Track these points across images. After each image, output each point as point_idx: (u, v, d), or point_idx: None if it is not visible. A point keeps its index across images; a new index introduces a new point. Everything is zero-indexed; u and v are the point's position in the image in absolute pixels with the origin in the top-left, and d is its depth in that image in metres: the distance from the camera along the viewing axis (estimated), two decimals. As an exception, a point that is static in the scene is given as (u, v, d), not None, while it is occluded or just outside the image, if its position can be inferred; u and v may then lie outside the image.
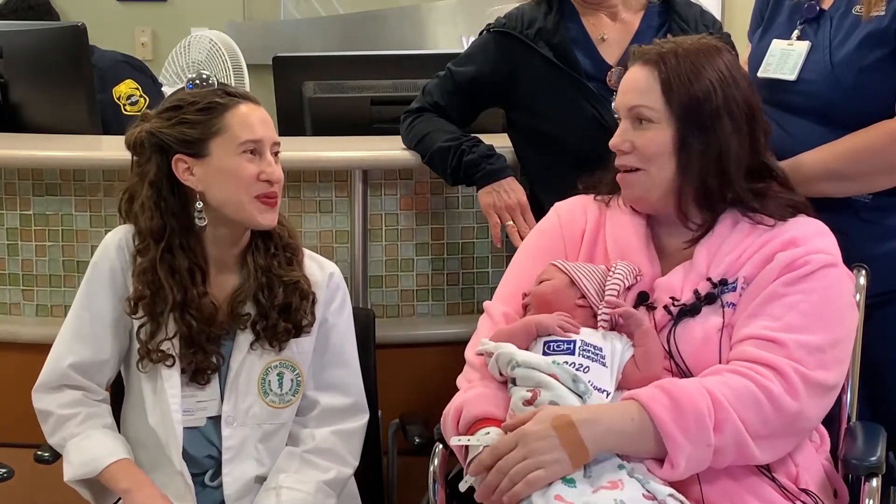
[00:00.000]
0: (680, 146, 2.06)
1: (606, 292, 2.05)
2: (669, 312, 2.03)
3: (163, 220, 2.25)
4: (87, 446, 2.26)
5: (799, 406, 1.93)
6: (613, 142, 2.12)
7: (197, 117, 2.24)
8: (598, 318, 2.05)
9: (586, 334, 2.01)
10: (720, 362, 1.98)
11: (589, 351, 1.98)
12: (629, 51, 2.19)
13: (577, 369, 1.96)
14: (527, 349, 2.02)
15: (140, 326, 2.26)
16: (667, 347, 2.01)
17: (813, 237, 2.06)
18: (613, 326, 2.04)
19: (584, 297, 2.07)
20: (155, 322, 2.26)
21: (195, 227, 2.26)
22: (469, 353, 2.14)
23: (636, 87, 2.10)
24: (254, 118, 2.26)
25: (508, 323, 2.12)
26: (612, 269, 2.08)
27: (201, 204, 2.25)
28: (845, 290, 2.08)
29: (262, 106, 2.30)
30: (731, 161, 2.07)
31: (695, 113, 2.06)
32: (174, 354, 2.25)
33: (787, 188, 2.14)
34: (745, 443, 1.90)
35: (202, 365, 2.26)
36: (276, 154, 2.28)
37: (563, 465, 1.86)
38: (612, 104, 2.17)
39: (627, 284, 2.07)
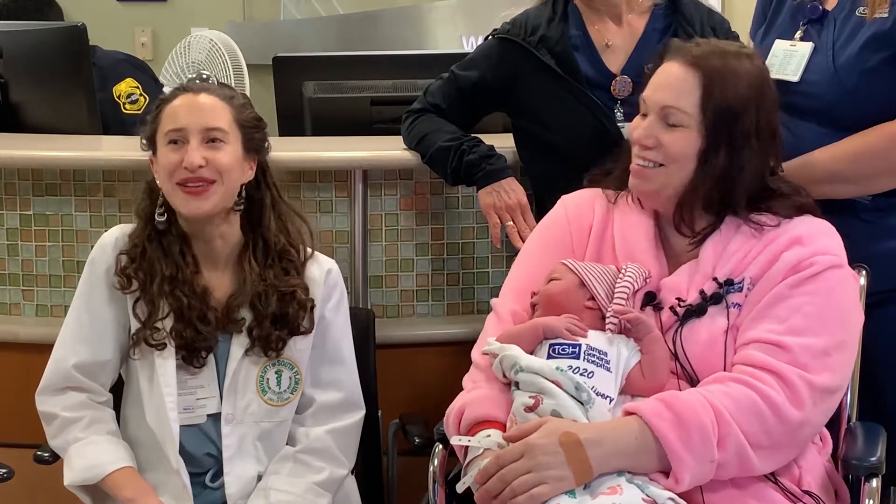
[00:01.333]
0: (704, 155, 2.03)
1: (615, 296, 2.04)
2: (675, 313, 2.03)
3: (151, 203, 2.30)
4: (91, 452, 2.25)
5: (803, 416, 1.92)
6: (638, 134, 2.08)
7: (152, 116, 2.30)
8: (607, 320, 2.04)
9: (592, 338, 2.00)
10: (725, 365, 1.97)
11: (594, 355, 1.97)
12: (669, 43, 2.16)
13: (581, 374, 1.95)
14: (532, 351, 2.02)
15: (135, 303, 2.27)
16: (672, 349, 2.00)
17: (818, 237, 2.05)
18: (621, 330, 2.03)
19: (593, 298, 2.05)
20: (149, 300, 2.27)
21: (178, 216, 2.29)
22: (475, 353, 2.13)
23: (673, 87, 2.05)
24: (181, 107, 2.27)
25: (516, 321, 2.11)
26: (623, 271, 2.07)
27: (162, 199, 2.29)
28: (850, 291, 2.07)
29: (211, 93, 2.28)
30: (744, 182, 2.05)
31: (727, 127, 2.02)
32: (167, 338, 2.25)
33: (793, 191, 2.12)
34: (747, 455, 1.89)
35: (195, 343, 2.26)
36: (213, 140, 2.25)
37: (567, 482, 1.85)
38: (641, 95, 2.10)
39: (636, 288, 2.05)
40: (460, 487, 1.96)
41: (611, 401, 1.96)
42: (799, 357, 1.93)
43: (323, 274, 2.37)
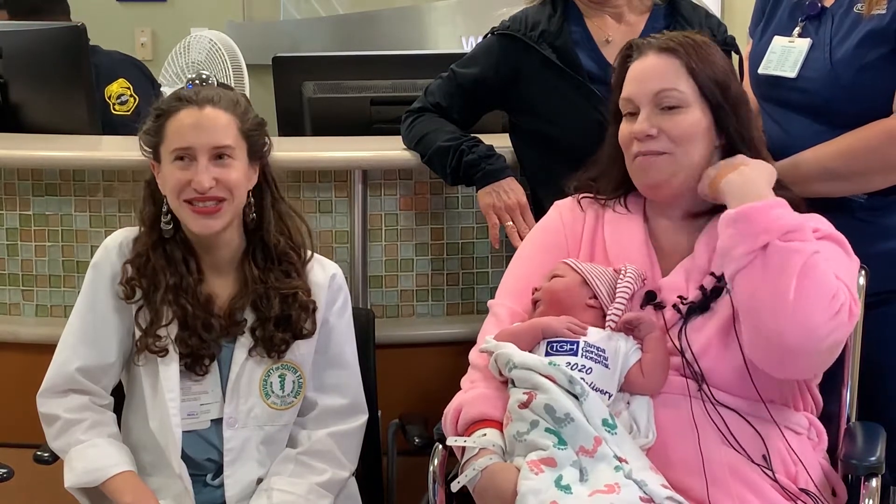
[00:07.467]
0: (717, 128, 2.07)
1: (616, 298, 2.04)
2: (679, 311, 2.03)
3: (155, 208, 2.29)
4: (92, 455, 2.25)
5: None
6: (639, 127, 2.08)
7: (152, 124, 2.27)
8: (607, 318, 2.04)
9: (590, 334, 2.01)
10: (742, 352, 1.96)
11: (592, 352, 1.98)
12: (631, 43, 2.18)
13: (579, 370, 1.95)
14: (531, 351, 2.02)
15: (138, 310, 2.27)
16: (678, 346, 2.00)
17: (806, 219, 2.04)
18: (622, 328, 2.03)
19: (595, 297, 2.06)
20: (152, 308, 2.26)
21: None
22: (473, 353, 2.13)
23: (659, 73, 2.08)
24: (187, 124, 2.22)
25: (514, 320, 2.12)
26: (622, 273, 2.07)
27: (166, 207, 2.27)
28: (843, 255, 2.07)
29: (217, 106, 2.23)
30: (757, 144, 2.11)
31: (723, 96, 2.07)
32: (170, 344, 2.25)
33: (780, 187, 2.14)
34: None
35: (199, 351, 2.26)
36: (219, 157, 2.22)
37: None
38: (621, 98, 2.13)
39: (635, 289, 2.06)
40: (455, 487, 1.97)
41: (610, 396, 1.96)
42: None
43: (327, 278, 2.37)
